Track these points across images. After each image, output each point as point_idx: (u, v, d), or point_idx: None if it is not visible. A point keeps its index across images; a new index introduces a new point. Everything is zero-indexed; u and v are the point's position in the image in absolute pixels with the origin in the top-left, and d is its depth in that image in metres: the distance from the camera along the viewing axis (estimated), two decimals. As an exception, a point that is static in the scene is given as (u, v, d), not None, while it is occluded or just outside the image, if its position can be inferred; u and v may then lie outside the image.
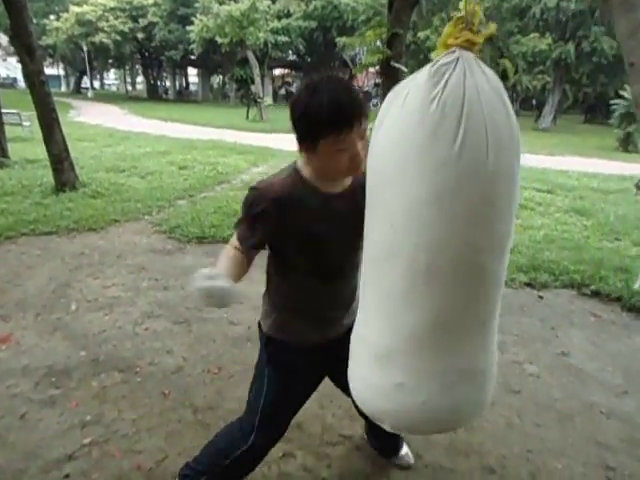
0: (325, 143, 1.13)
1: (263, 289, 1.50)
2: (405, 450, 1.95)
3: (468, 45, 0.94)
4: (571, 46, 19.89)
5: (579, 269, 3.93)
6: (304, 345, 1.43)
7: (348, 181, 1.29)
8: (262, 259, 1.43)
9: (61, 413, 2.15)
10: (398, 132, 0.95)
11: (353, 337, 1.20)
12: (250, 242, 1.29)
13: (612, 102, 13.98)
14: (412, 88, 0.95)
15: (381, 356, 1.03)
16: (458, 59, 0.92)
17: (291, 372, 1.45)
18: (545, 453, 2.04)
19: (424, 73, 0.95)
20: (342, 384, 1.67)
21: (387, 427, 1.10)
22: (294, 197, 1.22)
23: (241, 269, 1.29)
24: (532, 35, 20.05)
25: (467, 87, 0.89)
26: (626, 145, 13.74)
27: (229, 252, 1.31)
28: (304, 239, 1.26)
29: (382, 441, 1.92)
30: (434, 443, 2.07)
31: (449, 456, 2.01)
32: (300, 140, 1.17)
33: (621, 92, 13.60)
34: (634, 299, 3.45)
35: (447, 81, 0.89)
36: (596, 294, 3.63)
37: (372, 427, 1.86)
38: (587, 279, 3.78)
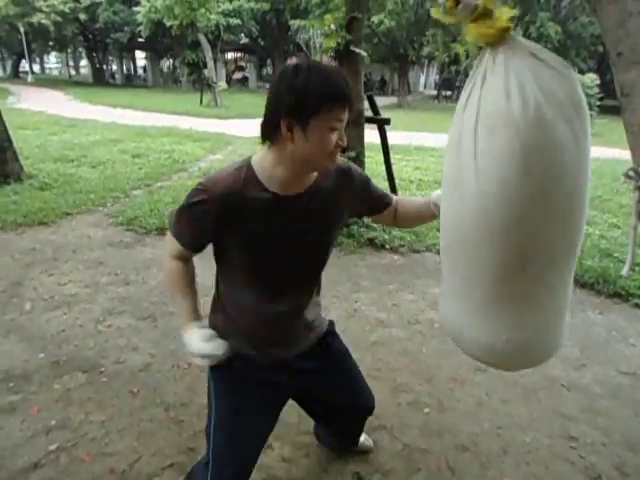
0: (318, 121, 1.05)
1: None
2: (363, 436, 1.91)
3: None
4: (519, 31, 20.47)
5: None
6: (266, 353, 1.34)
7: (307, 183, 1.20)
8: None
9: (23, 420, 2.04)
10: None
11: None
12: (191, 242, 1.26)
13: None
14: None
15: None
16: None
17: (237, 384, 1.34)
18: (514, 428, 2.13)
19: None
20: (314, 406, 1.62)
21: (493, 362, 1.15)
22: (240, 195, 1.14)
23: (193, 279, 1.33)
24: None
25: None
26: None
27: (174, 270, 1.31)
28: (246, 240, 1.18)
29: (338, 437, 1.88)
30: (409, 425, 2.11)
31: (423, 437, 2.06)
32: (289, 119, 1.05)
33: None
34: (586, 276, 3.63)
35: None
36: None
37: (323, 427, 1.85)
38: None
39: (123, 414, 2.11)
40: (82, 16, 27.38)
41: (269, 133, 1.11)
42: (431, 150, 9.30)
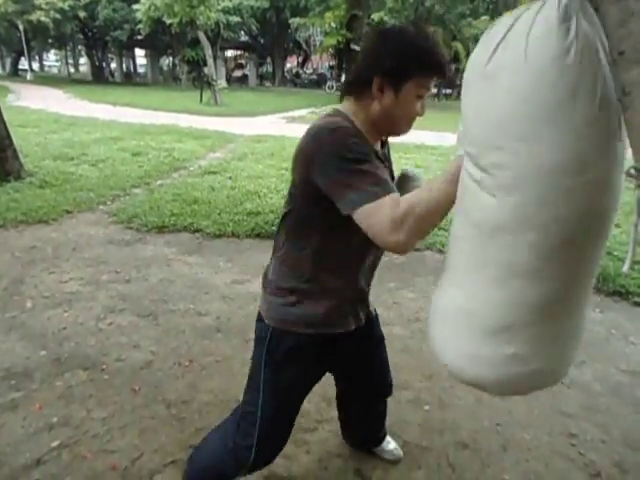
0: (411, 85, 1.07)
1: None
2: (393, 444, 1.91)
3: None
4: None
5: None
6: (333, 335, 1.29)
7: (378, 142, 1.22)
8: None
9: (25, 417, 2.04)
10: (526, 90, 0.81)
11: (446, 309, 1.08)
12: (390, 182, 1.10)
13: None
14: (534, 37, 0.79)
15: (493, 329, 0.98)
16: None
17: (299, 374, 1.31)
18: (513, 425, 2.14)
19: (549, 17, 0.78)
20: (347, 376, 1.59)
21: (488, 392, 1.13)
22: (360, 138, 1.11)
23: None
24: (483, 18, 20.46)
25: (597, 31, 0.77)
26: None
27: (409, 202, 0.99)
28: None
29: (361, 430, 1.87)
30: (409, 422, 2.12)
31: (424, 434, 2.07)
32: (388, 75, 1.05)
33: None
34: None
35: (578, 27, 0.76)
36: (552, 270, 3.80)
37: (348, 423, 1.84)
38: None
39: (125, 411, 2.11)
40: (81, 13, 27.32)
41: (357, 89, 1.12)
42: (431, 148, 9.31)
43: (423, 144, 9.74)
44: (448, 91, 27.44)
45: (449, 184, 0.96)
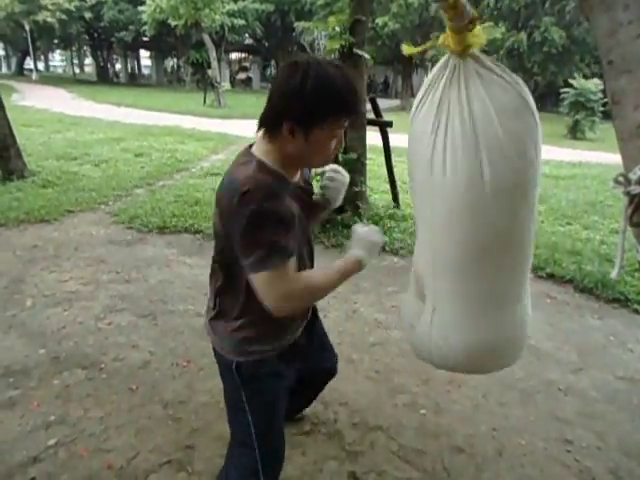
0: (322, 129, 1.06)
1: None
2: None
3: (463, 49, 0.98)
4: (523, 35, 20.46)
5: (535, 253, 4.09)
6: (284, 347, 1.36)
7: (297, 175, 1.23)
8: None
9: (22, 414, 2.06)
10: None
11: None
12: (293, 247, 1.14)
13: (562, 91, 14.50)
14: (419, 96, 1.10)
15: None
16: (449, 67, 1.01)
17: (273, 386, 1.36)
18: (509, 430, 2.14)
19: (425, 81, 1.08)
20: (312, 365, 1.64)
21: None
22: (276, 188, 1.12)
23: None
24: (486, 24, 20.42)
25: (454, 102, 0.99)
26: (575, 132, 14.33)
27: (304, 281, 1.17)
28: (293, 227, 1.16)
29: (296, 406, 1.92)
30: (405, 426, 2.12)
31: (419, 438, 2.07)
32: (292, 124, 1.05)
33: (570, 81, 14.16)
34: (585, 280, 3.63)
35: (433, 95, 1.02)
36: (551, 276, 3.80)
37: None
38: (542, 262, 3.95)
39: (122, 411, 2.12)
40: (87, 14, 27.49)
41: (269, 128, 1.11)
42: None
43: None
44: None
45: (336, 274, 1.22)
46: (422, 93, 1.12)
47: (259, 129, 1.13)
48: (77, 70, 45.82)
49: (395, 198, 5.21)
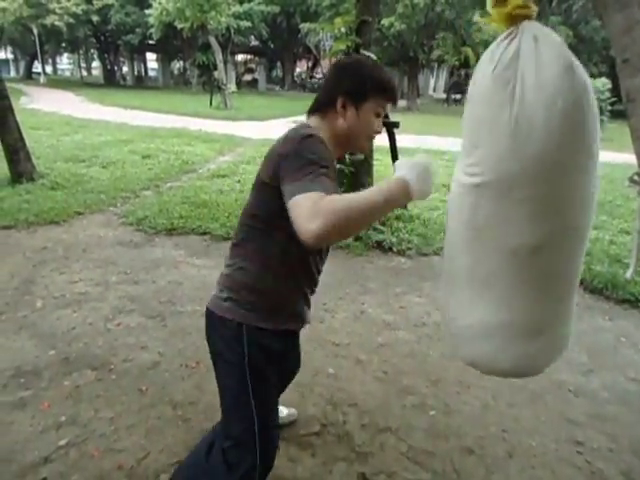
0: (370, 105, 1.24)
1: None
2: (285, 411, 2.04)
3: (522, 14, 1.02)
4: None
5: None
6: (293, 329, 1.41)
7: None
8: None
9: (33, 415, 2.07)
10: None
11: (484, 325, 1.20)
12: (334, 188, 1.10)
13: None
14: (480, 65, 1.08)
15: (532, 330, 1.18)
16: (513, 34, 1.03)
17: (275, 366, 1.38)
18: (520, 432, 2.12)
19: (487, 51, 1.08)
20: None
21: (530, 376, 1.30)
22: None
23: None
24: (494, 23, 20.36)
25: (521, 64, 1.00)
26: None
27: (332, 199, 1.00)
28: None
29: None
30: (414, 427, 2.12)
31: (429, 439, 2.06)
32: (350, 95, 1.23)
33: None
34: (595, 281, 3.61)
35: (500, 58, 1.01)
36: (560, 277, 3.77)
37: None
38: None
39: (132, 411, 2.13)
40: (94, 18, 27.70)
41: (323, 107, 1.27)
42: (441, 153, 9.28)
43: (431, 149, 9.74)
44: (458, 96, 27.40)
45: (377, 195, 1.02)
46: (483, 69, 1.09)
47: (313, 112, 1.30)
48: (84, 73, 46.15)
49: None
